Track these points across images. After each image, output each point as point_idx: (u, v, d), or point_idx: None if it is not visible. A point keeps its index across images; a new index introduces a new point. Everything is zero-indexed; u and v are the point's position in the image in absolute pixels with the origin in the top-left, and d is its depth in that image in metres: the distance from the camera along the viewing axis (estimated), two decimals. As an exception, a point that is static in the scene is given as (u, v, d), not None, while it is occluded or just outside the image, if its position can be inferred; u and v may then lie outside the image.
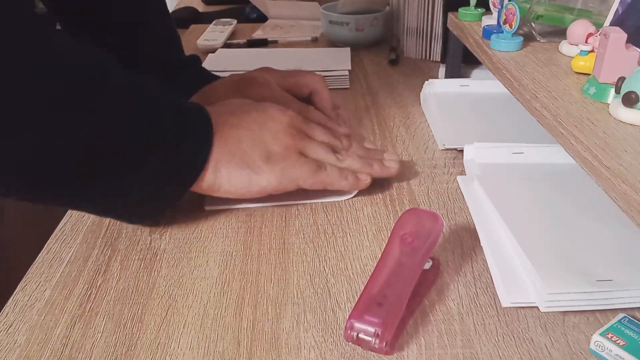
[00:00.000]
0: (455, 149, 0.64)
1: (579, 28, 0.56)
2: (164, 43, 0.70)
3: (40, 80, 0.39)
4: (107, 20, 0.65)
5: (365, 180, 0.55)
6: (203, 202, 0.55)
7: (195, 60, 0.72)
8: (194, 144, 0.49)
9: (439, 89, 0.76)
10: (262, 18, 1.22)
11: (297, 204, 0.55)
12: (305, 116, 0.60)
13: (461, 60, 0.82)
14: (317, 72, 0.84)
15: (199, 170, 0.49)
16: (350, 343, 0.39)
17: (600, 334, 0.38)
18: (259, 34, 1.11)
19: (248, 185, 0.50)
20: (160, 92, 0.49)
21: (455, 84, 0.78)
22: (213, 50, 1.00)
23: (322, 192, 0.55)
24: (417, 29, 0.94)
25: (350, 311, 0.39)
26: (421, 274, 0.42)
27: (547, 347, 0.39)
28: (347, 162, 0.55)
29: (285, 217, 0.53)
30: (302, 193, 0.54)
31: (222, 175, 0.50)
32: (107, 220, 0.54)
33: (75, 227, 0.53)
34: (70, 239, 0.52)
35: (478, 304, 0.43)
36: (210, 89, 0.66)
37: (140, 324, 0.42)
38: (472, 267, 0.46)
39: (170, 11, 1.30)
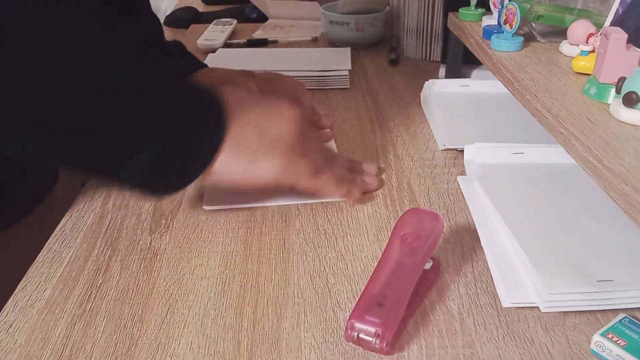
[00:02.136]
0: (456, 149, 0.64)
1: (579, 28, 0.56)
2: (148, 28, 0.69)
3: (76, 61, 0.40)
4: None
5: (356, 195, 0.55)
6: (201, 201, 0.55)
7: (180, 45, 0.70)
8: (206, 145, 0.48)
9: (439, 89, 0.76)
10: (262, 18, 1.22)
11: (298, 204, 0.55)
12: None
13: (461, 61, 0.82)
14: (316, 72, 0.85)
15: (204, 166, 0.47)
16: (350, 343, 0.39)
17: (601, 334, 0.38)
18: (259, 33, 1.11)
19: (244, 171, 0.49)
20: (182, 83, 0.48)
21: (455, 84, 0.78)
22: (213, 50, 1.00)
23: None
24: (417, 29, 0.94)
25: (351, 311, 0.39)
26: (422, 274, 0.42)
27: (547, 348, 0.39)
28: (338, 172, 0.55)
29: (285, 217, 0.53)
30: (300, 193, 0.54)
31: (220, 161, 0.48)
32: (107, 220, 0.54)
33: (76, 227, 0.53)
34: (71, 239, 0.52)
35: (478, 304, 0.43)
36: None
37: (140, 324, 0.42)
38: (473, 267, 0.46)
39: (170, 11, 1.31)
